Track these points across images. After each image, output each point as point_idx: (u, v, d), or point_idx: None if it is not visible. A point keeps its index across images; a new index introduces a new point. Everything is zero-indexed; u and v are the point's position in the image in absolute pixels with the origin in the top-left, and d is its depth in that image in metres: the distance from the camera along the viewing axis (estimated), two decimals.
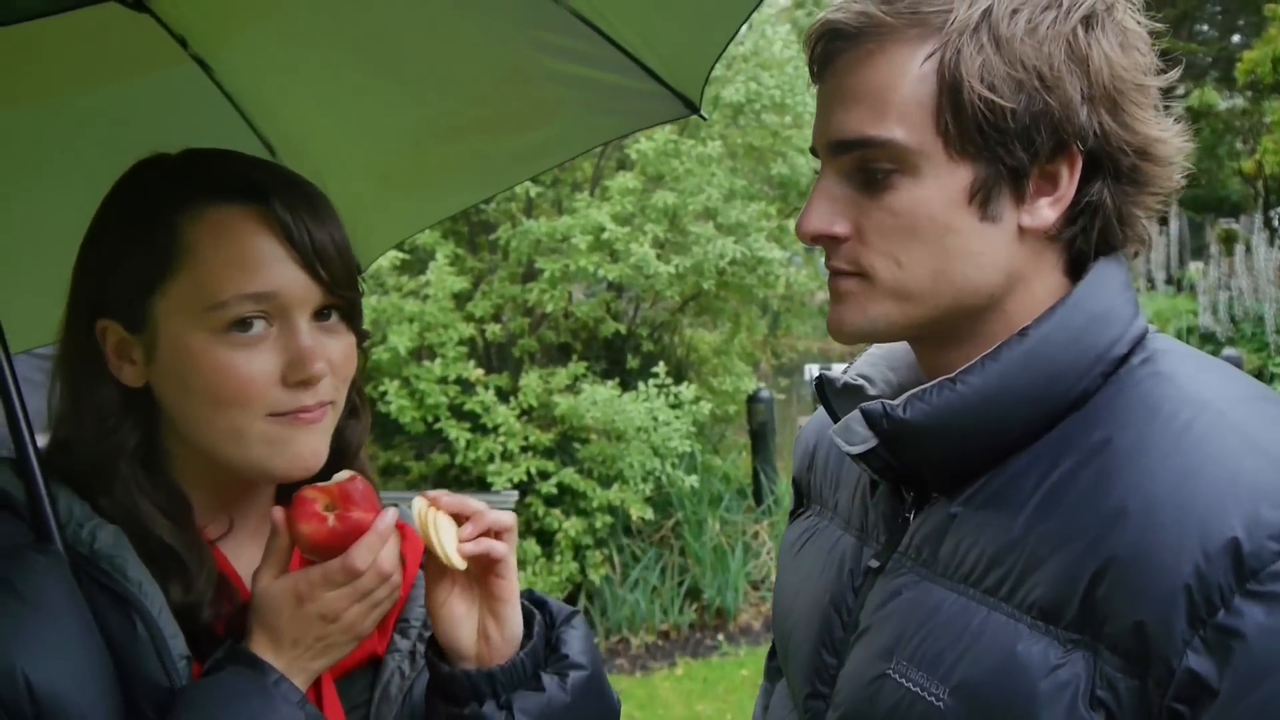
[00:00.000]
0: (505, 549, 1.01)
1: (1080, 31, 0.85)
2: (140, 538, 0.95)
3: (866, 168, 0.89)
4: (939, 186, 0.87)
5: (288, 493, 1.09)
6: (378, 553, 0.95)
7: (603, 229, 5.68)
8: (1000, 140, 0.85)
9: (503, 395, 5.70)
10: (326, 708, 1.00)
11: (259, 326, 0.96)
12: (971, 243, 0.88)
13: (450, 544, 0.99)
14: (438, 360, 5.53)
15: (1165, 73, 0.90)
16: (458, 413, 5.54)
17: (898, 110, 0.86)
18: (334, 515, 0.95)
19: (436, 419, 5.47)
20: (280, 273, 0.96)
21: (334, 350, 0.99)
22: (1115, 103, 0.86)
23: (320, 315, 1.00)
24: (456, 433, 5.42)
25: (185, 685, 0.91)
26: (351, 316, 1.03)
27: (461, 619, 1.03)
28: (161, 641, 0.91)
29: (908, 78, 0.86)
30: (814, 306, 8.14)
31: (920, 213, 0.87)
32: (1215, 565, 0.73)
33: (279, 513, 0.97)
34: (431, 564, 1.01)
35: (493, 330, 5.91)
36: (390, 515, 0.97)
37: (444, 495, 1.03)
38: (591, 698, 1.04)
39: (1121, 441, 0.83)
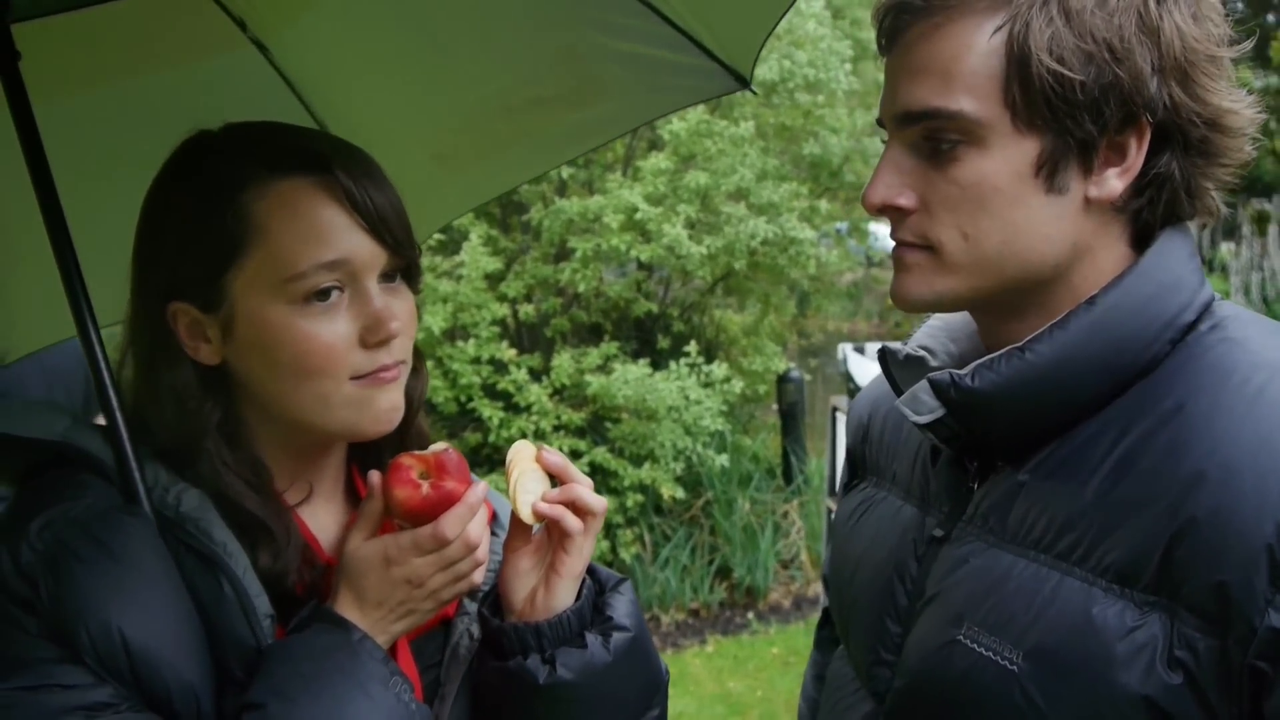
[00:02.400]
0: (578, 526, 1.04)
1: (1152, 2, 0.85)
2: (228, 510, 0.97)
3: (933, 139, 0.89)
4: (1005, 159, 0.87)
5: (360, 457, 1.13)
6: (467, 523, 0.97)
7: (635, 209, 5.68)
8: (1069, 113, 0.85)
9: (535, 375, 5.72)
10: (402, 667, 1.02)
11: (335, 294, 0.97)
12: (1038, 214, 0.88)
13: (528, 497, 1.03)
14: (471, 340, 5.57)
15: (1238, 43, 0.90)
16: (490, 392, 5.58)
17: (965, 82, 0.87)
18: (428, 484, 0.98)
19: (470, 398, 5.50)
20: (349, 239, 0.98)
21: (401, 310, 1.01)
22: (1186, 74, 0.86)
23: (386, 277, 1.02)
24: (489, 412, 5.46)
25: (272, 643, 0.94)
26: (412, 276, 1.05)
27: (523, 574, 1.07)
28: (247, 601, 0.94)
29: (976, 50, 0.86)
30: (842, 287, 8.12)
31: (987, 185, 0.88)
32: None
33: (376, 477, 1.00)
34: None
35: (525, 310, 5.93)
36: (480, 489, 0.99)
37: (550, 452, 1.06)
38: (634, 659, 1.06)
39: (1195, 406, 0.84)
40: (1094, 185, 0.88)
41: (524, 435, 5.42)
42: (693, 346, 5.88)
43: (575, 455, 5.52)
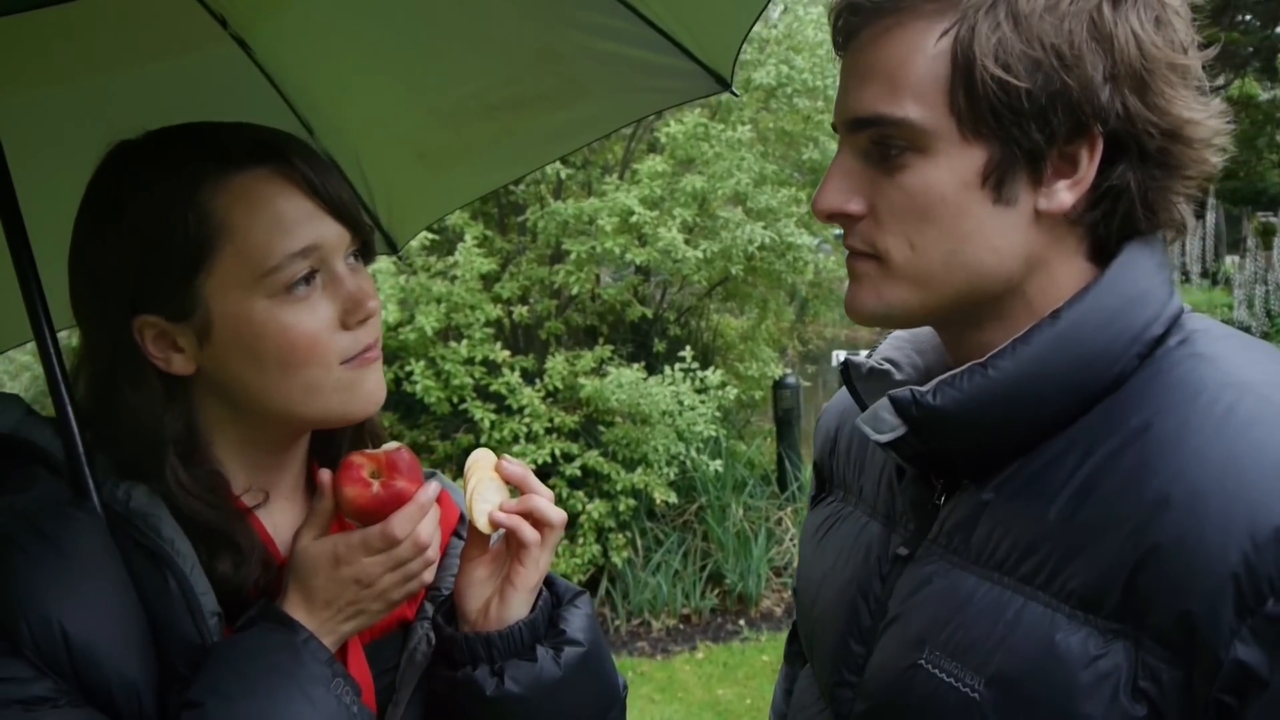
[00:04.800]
0: (535, 538, 1.03)
1: (1106, 7, 0.81)
2: (187, 521, 0.96)
3: (881, 145, 0.87)
4: (951, 167, 0.84)
5: (321, 453, 1.12)
6: (417, 523, 0.97)
7: (631, 212, 5.66)
8: (1015, 121, 0.82)
9: (528, 377, 5.70)
10: (353, 669, 1.01)
11: (312, 280, 0.97)
12: (985, 225, 0.85)
13: (485, 505, 1.02)
14: (464, 341, 5.54)
15: (1205, 49, 0.86)
16: (483, 394, 5.55)
17: (912, 89, 0.84)
18: (379, 482, 0.97)
19: (462, 400, 5.48)
20: (316, 225, 0.97)
21: (369, 286, 1.01)
22: (1143, 82, 0.82)
23: (348, 257, 1.01)
24: (482, 414, 5.43)
25: (217, 641, 0.93)
26: (369, 255, 1.05)
27: (478, 583, 1.06)
28: (193, 598, 0.93)
29: (923, 55, 0.83)
30: (842, 293, 8.10)
31: (932, 194, 0.85)
32: (1264, 554, 0.71)
33: (326, 475, 1.00)
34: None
35: (520, 312, 5.91)
36: (432, 489, 0.99)
37: (511, 463, 1.05)
38: (586, 675, 1.04)
39: (1162, 426, 0.80)
40: (1044, 197, 0.85)
41: (516, 438, 5.41)
42: (688, 351, 5.86)
43: (567, 458, 5.51)
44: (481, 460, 1.06)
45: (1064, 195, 0.85)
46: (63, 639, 0.86)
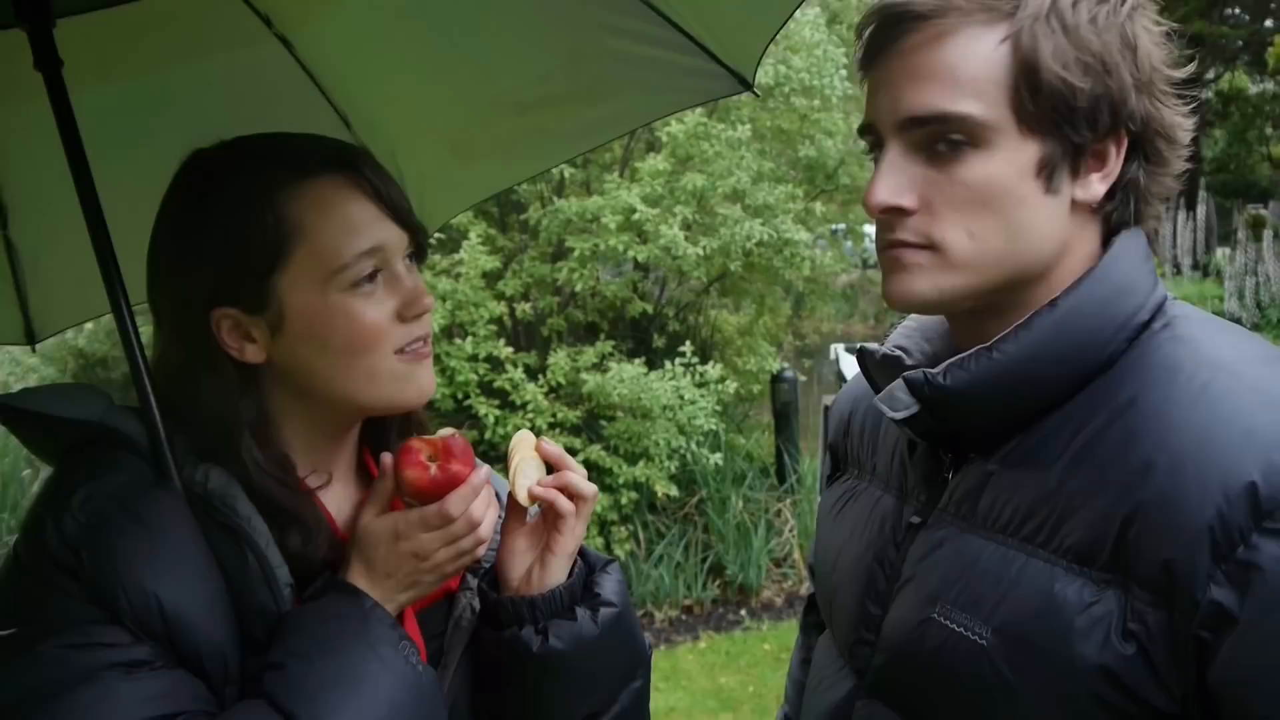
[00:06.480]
0: (570, 508, 1.12)
1: (1128, 24, 0.92)
2: (260, 499, 1.04)
3: (937, 140, 0.94)
4: (1009, 160, 0.92)
5: (371, 440, 1.20)
6: (470, 503, 1.05)
7: (632, 210, 5.74)
8: (1069, 118, 0.91)
9: (531, 373, 5.77)
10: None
11: (376, 278, 1.07)
12: (1037, 214, 0.94)
13: (525, 481, 1.11)
14: (468, 338, 5.62)
15: (1182, 66, 0.98)
16: (487, 390, 5.63)
17: (971, 87, 0.92)
18: (436, 465, 1.05)
19: (466, 396, 5.56)
20: (380, 228, 1.07)
21: (423, 285, 1.11)
22: (1153, 89, 0.94)
23: (406, 258, 1.11)
24: (486, 410, 5.51)
25: (291, 610, 1.01)
26: (422, 256, 1.15)
27: (519, 553, 1.15)
28: (270, 571, 1.01)
29: (980, 57, 0.92)
30: (837, 289, 8.18)
31: (995, 185, 0.93)
32: (1235, 507, 0.80)
33: (388, 458, 1.08)
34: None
35: (522, 309, 5.98)
36: (484, 472, 1.07)
37: (548, 443, 1.15)
38: (620, 633, 1.14)
39: (1146, 400, 0.90)
40: (1080, 188, 0.95)
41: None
42: (688, 346, 5.94)
43: (571, 452, 5.46)
44: (524, 440, 1.15)
45: (1097, 187, 0.95)
46: (158, 608, 0.93)
